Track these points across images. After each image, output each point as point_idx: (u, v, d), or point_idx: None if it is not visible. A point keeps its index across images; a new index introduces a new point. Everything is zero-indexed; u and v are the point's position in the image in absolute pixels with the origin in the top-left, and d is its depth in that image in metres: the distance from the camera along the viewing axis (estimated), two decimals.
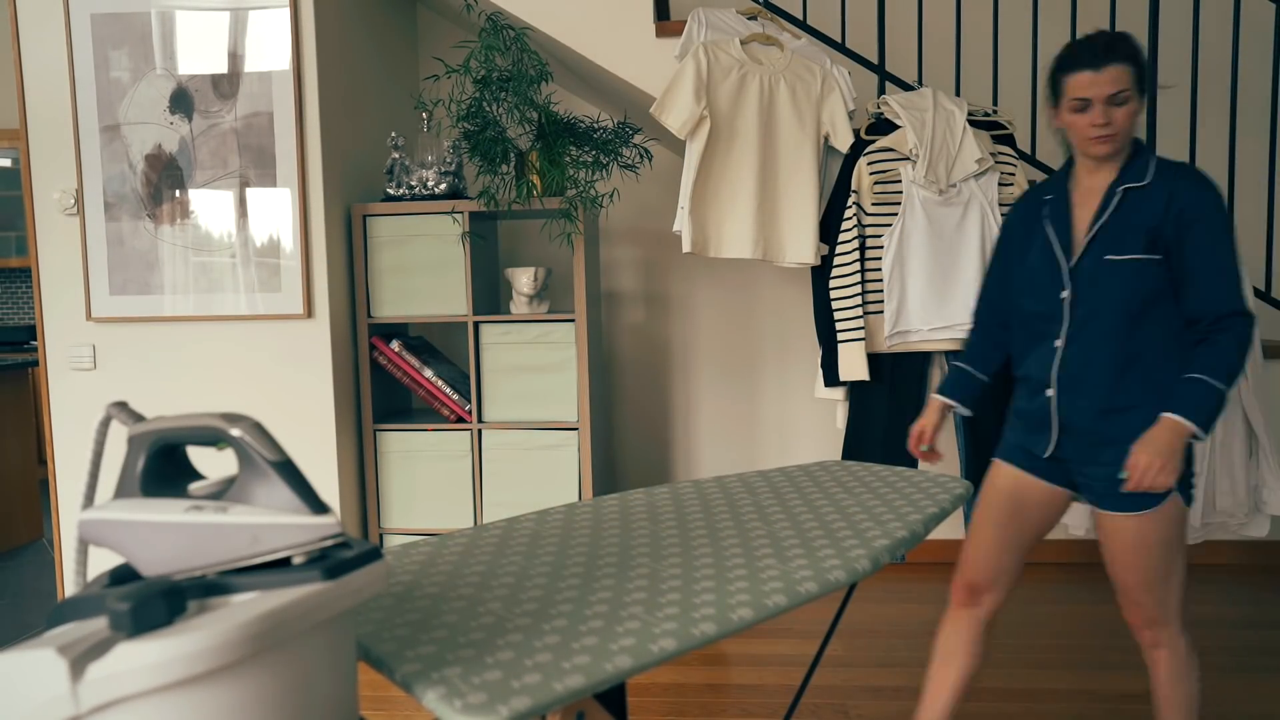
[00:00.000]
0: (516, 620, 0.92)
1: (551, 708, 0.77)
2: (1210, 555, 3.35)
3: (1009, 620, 2.91)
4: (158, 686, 0.63)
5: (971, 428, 2.73)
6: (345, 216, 3.01)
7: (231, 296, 2.87)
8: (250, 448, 0.79)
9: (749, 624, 0.94)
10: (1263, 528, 2.69)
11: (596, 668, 0.81)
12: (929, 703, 1.77)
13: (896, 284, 2.63)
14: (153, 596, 0.65)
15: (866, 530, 1.20)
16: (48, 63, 2.88)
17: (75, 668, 0.62)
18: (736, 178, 2.71)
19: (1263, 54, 3.56)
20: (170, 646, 0.63)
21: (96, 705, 0.63)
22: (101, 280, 2.90)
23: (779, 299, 3.65)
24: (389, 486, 3.07)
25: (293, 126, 2.81)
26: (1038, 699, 2.35)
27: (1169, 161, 1.64)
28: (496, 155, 2.87)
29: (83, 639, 0.64)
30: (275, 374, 2.90)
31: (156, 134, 2.86)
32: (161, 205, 2.87)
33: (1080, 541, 3.40)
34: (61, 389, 2.97)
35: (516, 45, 2.81)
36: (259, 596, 0.70)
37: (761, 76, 2.71)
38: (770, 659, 2.61)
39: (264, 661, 0.68)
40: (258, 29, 2.81)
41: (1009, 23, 3.60)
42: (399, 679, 0.82)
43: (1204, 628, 2.80)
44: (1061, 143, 1.73)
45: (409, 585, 1.02)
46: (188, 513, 0.78)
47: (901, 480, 1.46)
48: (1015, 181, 2.67)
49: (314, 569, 0.73)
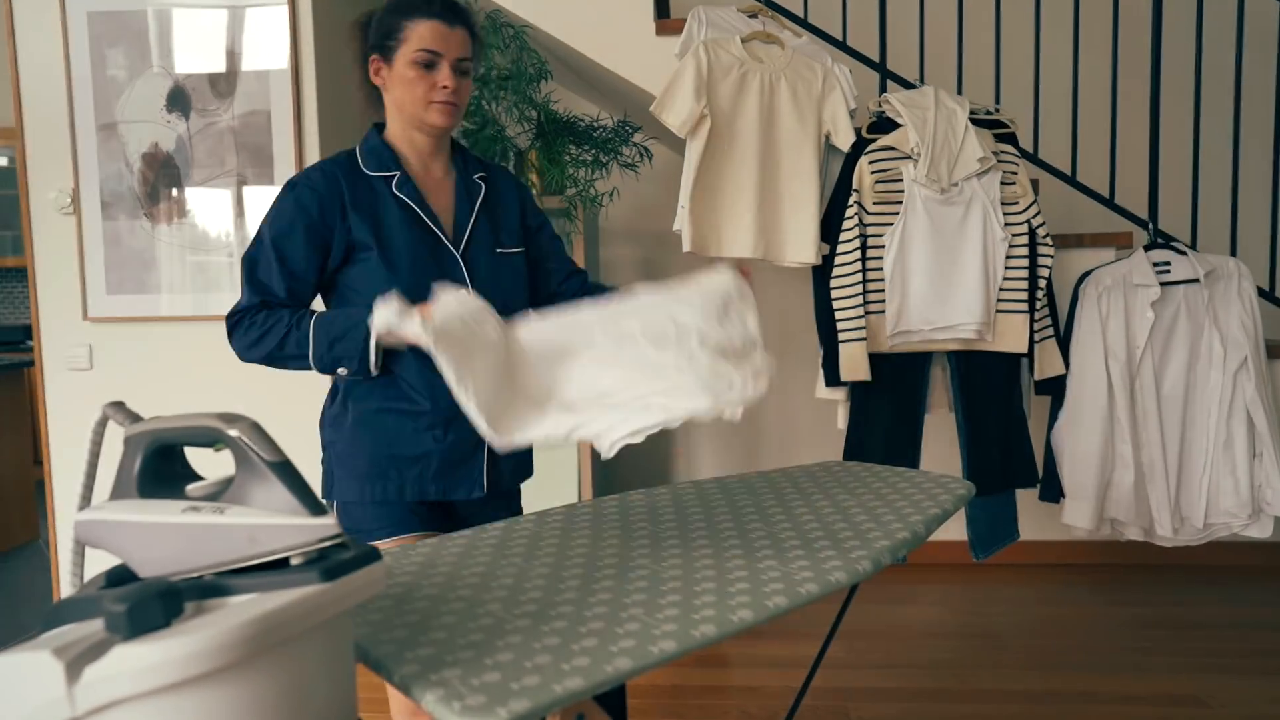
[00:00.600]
0: (516, 622, 0.91)
1: (551, 709, 0.76)
2: (1213, 556, 3.35)
3: (1009, 621, 2.90)
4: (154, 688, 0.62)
5: (972, 428, 2.72)
6: None
7: (229, 296, 2.86)
8: (248, 448, 0.78)
9: (749, 625, 0.93)
10: (1266, 529, 2.69)
11: (596, 669, 0.81)
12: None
13: (898, 283, 2.62)
14: (149, 598, 0.65)
15: (868, 531, 1.19)
16: (44, 60, 2.87)
17: (71, 670, 0.62)
18: (737, 176, 2.70)
19: (1266, 53, 3.56)
20: (167, 648, 0.62)
21: (93, 707, 0.62)
22: (98, 279, 2.88)
23: (779, 299, 3.65)
24: None
25: (290, 125, 2.80)
26: (1038, 700, 2.35)
27: None
28: (495, 154, 2.86)
29: (79, 641, 0.63)
30: (273, 374, 2.87)
31: (153, 132, 2.84)
32: (158, 204, 2.86)
33: (1080, 542, 3.39)
34: (57, 389, 2.96)
35: (516, 43, 2.80)
36: (256, 598, 0.70)
37: (762, 75, 2.70)
38: (771, 660, 2.60)
39: (262, 663, 0.67)
40: (255, 27, 2.80)
41: (1011, 21, 3.59)
42: (397, 681, 0.81)
43: (1207, 628, 2.79)
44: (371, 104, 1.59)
45: (408, 587, 1.02)
46: (185, 514, 0.76)
47: (903, 481, 1.45)
48: (1017, 180, 2.66)
49: (312, 570, 0.72)
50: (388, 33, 1.48)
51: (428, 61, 1.45)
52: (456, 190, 1.58)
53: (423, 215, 1.52)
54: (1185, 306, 2.72)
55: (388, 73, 1.50)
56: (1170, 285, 2.72)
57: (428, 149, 1.56)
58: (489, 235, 1.58)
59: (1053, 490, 2.80)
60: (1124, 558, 3.41)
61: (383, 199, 1.51)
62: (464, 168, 1.61)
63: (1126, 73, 3.60)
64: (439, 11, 1.46)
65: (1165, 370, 2.74)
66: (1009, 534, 2.83)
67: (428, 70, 1.46)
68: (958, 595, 3.15)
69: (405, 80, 1.47)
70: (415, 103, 1.48)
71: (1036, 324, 2.67)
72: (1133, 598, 3.07)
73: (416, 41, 1.45)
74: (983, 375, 2.71)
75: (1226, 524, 2.72)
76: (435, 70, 1.47)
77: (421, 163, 1.56)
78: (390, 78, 1.50)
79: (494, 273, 1.56)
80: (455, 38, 1.47)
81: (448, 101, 1.48)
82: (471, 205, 1.57)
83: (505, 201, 1.63)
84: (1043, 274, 2.67)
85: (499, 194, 1.63)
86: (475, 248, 1.55)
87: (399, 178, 1.52)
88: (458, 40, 1.47)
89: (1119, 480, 2.72)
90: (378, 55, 1.51)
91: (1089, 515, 2.72)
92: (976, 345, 2.67)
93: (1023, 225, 2.64)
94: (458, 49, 1.47)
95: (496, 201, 1.62)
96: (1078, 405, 2.74)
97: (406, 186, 1.52)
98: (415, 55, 1.45)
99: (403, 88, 1.48)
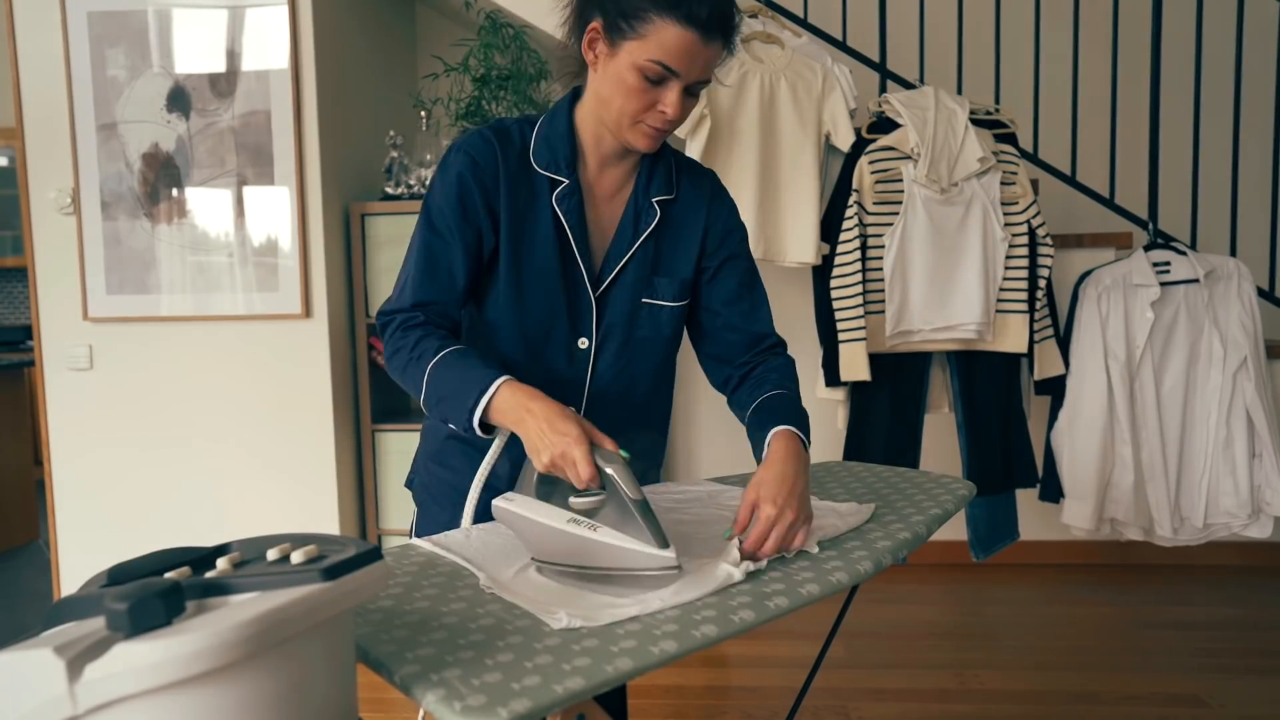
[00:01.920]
0: (516, 622, 0.91)
1: (552, 710, 0.76)
2: (1213, 556, 3.35)
3: (1009, 621, 2.90)
4: (156, 687, 0.62)
5: (972, 428, 2.72)
6: (343, 215, 3.00)
7: (229, 296, 2.86)
8: (618, 485, 0.98)
9: (750, 625, 0.93)
10: (1265, 529, 2.69)
11: (597, 669, 0.81)
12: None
13: (898, 284, 2.62)
14: (150, 596, 0.65)
15: (868, 531, 1.19)
16: (44, 61, 2.87)
17: (73, 668, 0.62)
18: (737, 177, 2.70)
19: (1266, 53, 3.56)
20: (169, 646, 0.62)
21: (94, 705, 0.62)
22: (98, 279, 2.88)
23: (779, 299, 3.63)
24: (388, 487, 3.06)
25: (290, 125, 2.80)
26: (1038, 700, 2.35)
27: None
28: None
29: (80, 639, 0.63)
30: (273, 374, 2.88)
31: (153, 133, 2.84)
32: (158, 204, 2.86)
33: (1080, 542, 3.39)
34: (58, 389, 2.96)
35: (515, 43, 2.80)
36: (258, 597, 0.70)
37: (762, 75, 2.70)
38: (771, 661, 2.60)
39: (263, 662, 0.67)
40: (255, 27, 2.80)
41: (1011, 21, 3.59)
42: (398, 680, 0.81)
43: (1206, 629, 2.79)
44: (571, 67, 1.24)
45: (408, 586, 1.02)
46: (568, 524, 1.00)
47: (904, 481, 1.45)
48: (1017, 180, 2.66)
49: (313, 569, 0.72)
50: (629, 10, 1.10)
51: (659, 77, 1.12)
52: (625, 211, 1.26)
53: (573, 241, 1.23)
54: (1185, 307, 2.72)
55: (605, 54, 1.14)
56: (1170, 285, 2.72)
57: (616, 149, 1.24)
58: (640, 278, 1.26)
59: (1052, 490, 2.80)
60: (1124, 558, 3.41)
61: (539, 203, 1.22)
62: (648, 182, 1.26)
63: (1126, 73, 3.60)
64: (701, 21, 1.09)
65: (1165, 370, 2.74)
66: (1009, 534, 2.83)
67: (653, 85, 1.13)
68: (958, 595, 3.15)
69: (622, 84, 1.13)
70: (622, 114, 1.16)
71: (1036, 324, 2.68)
72: (1133, 598, 3.07)
73: (656, 47, 1.10)
74: (983, 375, 2.71)
75: (1226, 524, 2.72)
76: (663, 88, 1.13)
77: (601, 165, 1.25)
78: (605, 63, 1.15)
79: (627, 329, 1.27)
80: (704, 56, 1.12)
81: (661, 128, 1.17)
82: (634, 236, 1.25)
83: (684, 235, 1.28)
84: (1042, 274, 2.67)
85: (678, 224, 1.28)
86: (618, 291, 1.26)
87: (566, 187, 1.22)
88: (705, 60, 1.12)
89: (1119, 480, 2.72)
90: (602, 22, 1.13)
91: (1089, 515, 2.72)
92: (976, 345, 2.67)
93: (1022, 225, 2.64)
94: (700, 70, 1.13)
95: (672, 234, 1.28)
96: (1077, 405, 2.74)
97: (570, 201, 1.22)
98: (646, 64, 1.11)
99: (615, 88, 1.14)
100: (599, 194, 1.26)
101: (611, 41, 1.13)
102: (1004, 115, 2.76)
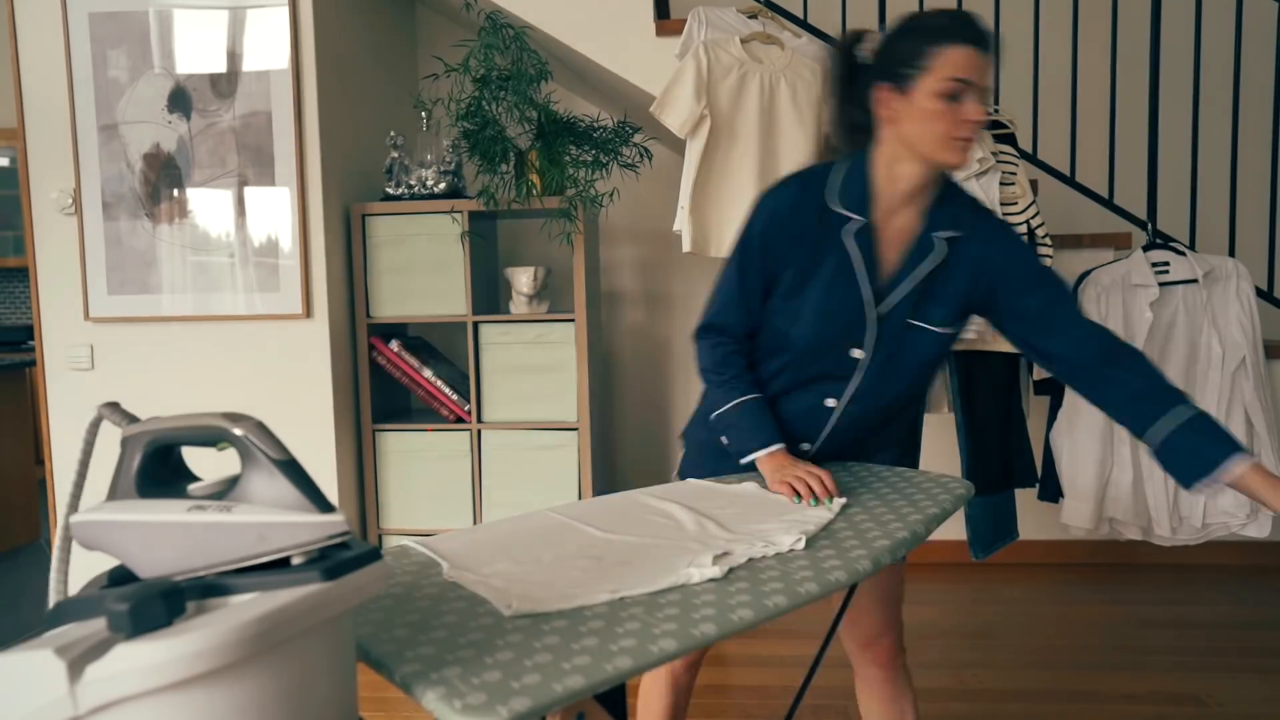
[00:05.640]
0: (516, 621, 0.91)
1: (552, 708, 0.77)
2: (1211, 556, 3.35)
3: (1008, 620, 2.91)
4: (156, 687, 0.63)
5: (971, 428, 2.72)
6: (344, 216, 3.00)
7: (230, 296, 2.86)
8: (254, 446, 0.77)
9: (750, 624, 0.93)
10: (1264, 528, 2.69)
11: (596, 668, 0.81)
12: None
13: None
14: (151, 597, 0.65)
15: (867, 530, 1.19)
16: (45, 61, 2.88)
17: (73, 669, 0.62)
18: (737, 177, 2.70)
19: (1264, 53, 3.56)
20: (169, 647, 0.63)
21: (95, 706, 0.62)
22: (99, 280, 2.89)
23: None
24: (388, 487, 3.06)
25: (291, 126, 2.80)
26: (1037, 699, 2.35)
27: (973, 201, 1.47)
28: (496, 154, 2.86)
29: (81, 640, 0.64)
30: (274, 374, 2.89)
31: (154, 133, 2.85)
32: (159, 205, 2.87)
33: (1079, 541, 3.39)
34: (59, 389, 2.96)
35: (516, 44, 2.80)
36: (258, 597, 0.70)
37: (762, 75, 2.70)
38: (771, 660, 2.60)
39: (263, 662, 0.67)
40: (256, 28, 2.80)
41: (1010, 22, 3.59)
42: (398, 679, 0.81)
43: (1205, 628, 2.79)
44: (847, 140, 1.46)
45: (408, 586, 1.02)
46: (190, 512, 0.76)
47: (902, 480, 1.45)
48: (1016, 181, 2.66)
49: (313, 569, 0.73)
50: (907, 59, 1.30)
51: (956, 93, 1.28)
52: (912, 247, 1.42)
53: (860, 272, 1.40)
54: (1184, 307, 2.72)
55: (901, 103, 1.32)
56: (1169, 286, 2.72)
57: (911, 190, 1.39)
58: (914, 304, 1.42)
59: (1051, 490, 2.80)
60: (1123, 557, 3.41)
61: (830, 239, 1.41)
62: (935, 221, 1.42)
63: (1125, 73, 3.60)
64: (975, 36, 1.28)
65: (1164, 370, 2.74)
66: (1008, 533, 2.83)
67: (953, 102, 1.29)
68: (957, 595, 3.15)
69: (926, 114, 1.30)
70: (934, 138, 1.31)
71: None
72: (1132, 597, 3.07)
73: (949, 69, 1.27)
74: (982, 375, 2.71)
75: (1225, 523, 2.72)
76: (961, 101, 1.29)
77: (892, 207, 1.41)
78: (904, 109, 1.32)
79: (897, 346, 1.44)
80: (981, 62, 1.28)
81: (969, 136, 1.31)
82: (914, 267, 1.41)
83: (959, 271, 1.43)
84: None
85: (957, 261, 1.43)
86: (894, 314, 1.43)
87: (861, 225, 1.40)
88: (983, 65, 1.29)
89: (1117, 480, 2.73)
90: (889, 84, 1.33)
91: (1088, 515, 2.72)
92: (976, 345, 2.67)
93: (1022, 226, 2.65)
94: (981, 74, 1.29)
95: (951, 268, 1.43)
96: (1076, 405, 2.74)
97: (862, 238, 1.40)
98: (944, 86, 1.28)
99: (921, 121, 1.31)
100: (887, 233, 1.42)
101: (902, 90, 1.32)
102: (1003, 116, 2.77)
